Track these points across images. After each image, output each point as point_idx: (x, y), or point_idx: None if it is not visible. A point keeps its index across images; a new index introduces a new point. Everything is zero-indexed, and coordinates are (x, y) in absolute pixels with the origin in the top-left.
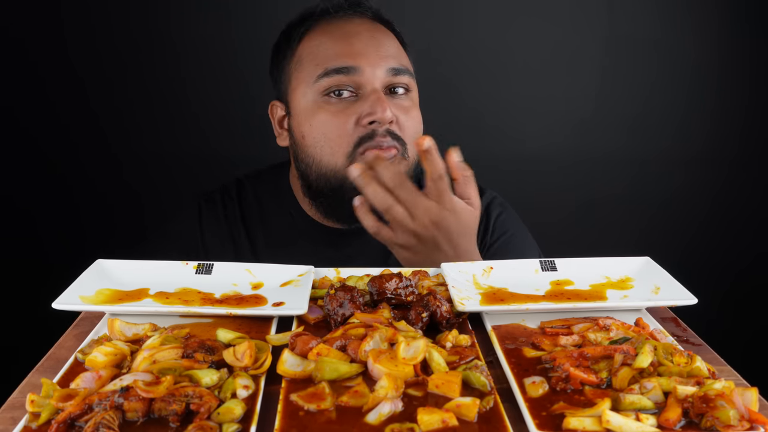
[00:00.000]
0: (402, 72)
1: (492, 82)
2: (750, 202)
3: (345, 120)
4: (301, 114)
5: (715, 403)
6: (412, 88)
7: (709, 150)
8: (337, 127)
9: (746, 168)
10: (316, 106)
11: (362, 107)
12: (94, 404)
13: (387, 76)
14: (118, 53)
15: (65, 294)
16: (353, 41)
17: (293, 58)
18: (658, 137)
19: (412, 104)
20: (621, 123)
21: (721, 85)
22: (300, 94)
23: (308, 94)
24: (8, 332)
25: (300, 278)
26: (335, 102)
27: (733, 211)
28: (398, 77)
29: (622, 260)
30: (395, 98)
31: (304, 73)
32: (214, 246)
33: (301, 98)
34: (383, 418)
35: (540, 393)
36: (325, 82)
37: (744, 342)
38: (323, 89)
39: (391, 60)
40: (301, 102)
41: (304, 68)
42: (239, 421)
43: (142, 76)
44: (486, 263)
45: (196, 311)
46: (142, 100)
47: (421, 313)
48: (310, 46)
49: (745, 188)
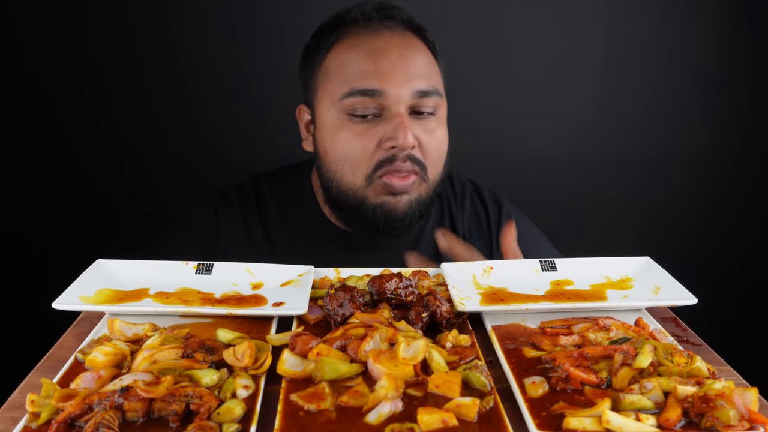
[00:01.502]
0: (429, 93)
1: (493, 84)
2: (750, 202)
3: (367, 142)
4: (326, 129)
5: (715, 403)
6: (439, 108)
7: (709, 150)
8: (359, 148)
9: (746, 168)
10: (339, 123)
11: (385, 130)
12: (94, 404)
13: (413, 98)
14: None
15: (65, 294)
16: (380, 60)
17: (321, 67)
18: (658, 138)
19: (437, 125)
20: (621, 124)
21: (721, 85)
22: (325, 108)
23: (332, 111)
24: (8, 332)
25: (300, 278)
26: (358, 122)
27: (733, 211)
28: (424, 99)
29: (622, 260)
30: (420, 120)
31: (329, 88)
32: (231, 245)
33: (326, 113)
34: (383, 418)
35: (540, 393)
36: (349, 102)
37: (744, 342)
38: (347, 108)
39: (419, 81)
40: (326, 117)
41: (330, 82)
42: (239, 421)
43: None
44: (486, 263)
45: (196, 311)
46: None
47: (421, 313)
48: (337, 59)
49: (745, 188)
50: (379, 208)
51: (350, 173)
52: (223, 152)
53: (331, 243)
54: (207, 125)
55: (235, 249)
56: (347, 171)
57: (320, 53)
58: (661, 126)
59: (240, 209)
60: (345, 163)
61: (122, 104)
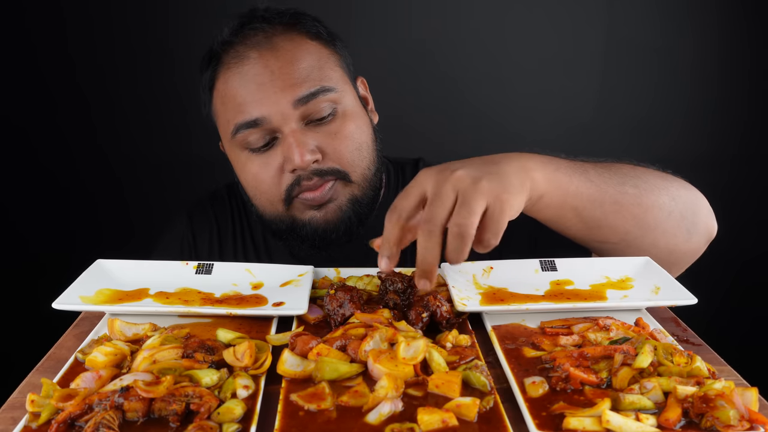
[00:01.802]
0: (317, 94)
1: (493, 85)
2: (750, 202)
3: (270, 171)
4: (235, 166)
5: (715, 403)
6: (338, 102)
7: (710, 152)
8: (266, 180)
9: (747, 169)
10: (243, 159)
11: (282, 154)
12: (94, 404)
13: (298, 108)
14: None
15: (65, 294)
16: (249, 86)
17: (212, 108)
18: (659, 139)
19: (342, 122)
20: (622, 126)
21: (722, 87)
22: (228, 147)
23: (233, 149)
24: (8, 332)
25: (300, 278)
26: (259, 153)
27: (734, 211)
28: (312, 103)
29: (622, 260)
30: (321, 126)
31: (222, 128)
32: (206, 254)
33: (230, 150)
34: (383, 418)
35: (540, 393)
36: (240, 138)
37: (744, 342)
38: (241, 144)
39: (296, 89)
40: (231, 154)
41: (220, 122)
42: (239, 421)
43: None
44: (486, 263)
45: (196, 311)
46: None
47: (421, 313)
48: (218, 98)
49: (745, 189)
50: (308, 225)
51: (268, 204)
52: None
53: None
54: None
55: (211, 257)
56: (264, 202)
57: (207, 96)
58: (662, 128)
59: (214, 216)
60: (259, 196)
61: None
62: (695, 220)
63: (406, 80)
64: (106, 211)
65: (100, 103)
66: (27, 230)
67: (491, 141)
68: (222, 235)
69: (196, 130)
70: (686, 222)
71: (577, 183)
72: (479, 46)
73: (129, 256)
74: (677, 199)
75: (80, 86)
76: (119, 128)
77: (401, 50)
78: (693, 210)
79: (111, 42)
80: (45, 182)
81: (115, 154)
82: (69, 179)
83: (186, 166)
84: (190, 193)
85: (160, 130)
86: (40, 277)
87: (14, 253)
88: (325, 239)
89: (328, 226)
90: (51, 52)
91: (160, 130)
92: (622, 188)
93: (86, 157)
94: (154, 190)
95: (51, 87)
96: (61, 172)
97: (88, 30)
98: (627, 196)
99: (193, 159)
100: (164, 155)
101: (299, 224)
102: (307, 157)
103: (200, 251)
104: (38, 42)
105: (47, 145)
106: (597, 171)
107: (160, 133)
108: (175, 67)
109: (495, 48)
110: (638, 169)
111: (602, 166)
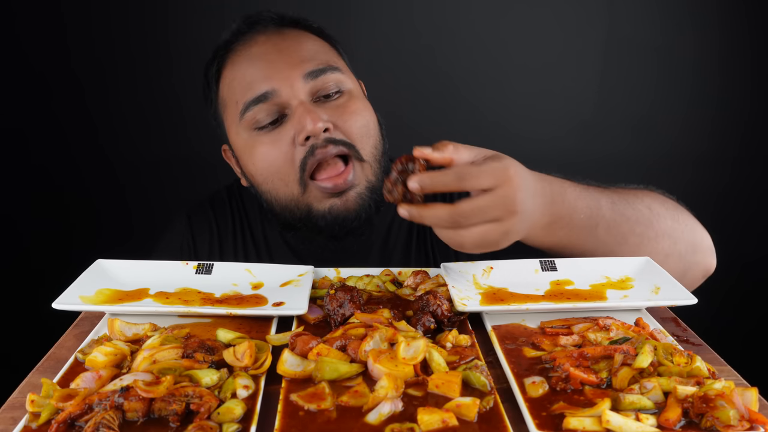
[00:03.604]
0: (325, 71)
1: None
2: (751, 202)
3: (282, 147)
4: (243, 153)
5: (715, 403)
6: (346, 84)
7: (711, 151)
8: (278, 156)
9: (748, 169)
10: (251, 141)
11: (293, 126)
12: (94, 404)
13: (308, 82)
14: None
15: (65, 294)
16: (259, 64)
17: (219, 101)
18: (660, 139)
19: (349, 100)
20: (623, 124)
21: (722, 86)
22: (235, 134)
23: (241, 133)
24: (8, 332)
25: (300, 278)
26: (267, 132)
27: (734, 211)
28: (322, 78)
29: (622, 260)
30: (328, 102)
31: (229, 113)
32: (206, 257)
33: (238, 138)
34: (383, 418)
35: (540, 393)
36: (249, 117)
37: (744, 342)
38: (251, 124)
39: (306, 64)
40: (239, 142)
41: (228, 109)
42: (239, 421)
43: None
44: (486, 263)
45: (196, 311)
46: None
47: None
48: (225, 85)
49: (746, 189)
50: (328, 215)
51: (283, 185)
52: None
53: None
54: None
55: (211, 259)
56: (279, 184)
57: (212, 88)
58: (663, 127)
59: (214, 218)
60: (273, 176)
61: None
62: (694, 260)
63: (406, 79)
64: (106, 211)
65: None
66: (27, 230)
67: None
68: (222, 237)
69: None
70: (683, 262)
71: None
72: (478, 46)
73: (129, 256)
74: (679, 242)
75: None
76: (119, 127)
77: (401, 49)
78: (692, 250)
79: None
80: (45, 182)
81: (115, 153)
82: (68, 179)
83: (185, 165)
84: (190, 193)
85: (159, 129)
86: (40, 277)
87: (14, 253)
88: (345, 227)
89: (349, 214)
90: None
91: (159, 129)
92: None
93: (86, 156)
94: (154, 189)
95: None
96: (61, 172)
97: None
98: (627, 246)
99: (192, 158)
100: (164, 154)
101: (317, 214)
102: (320, 124)
103: (200, 254)
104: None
105: (47, 145)
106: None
107: (159, 133)
108: (173, 66)
109: (494, 47)
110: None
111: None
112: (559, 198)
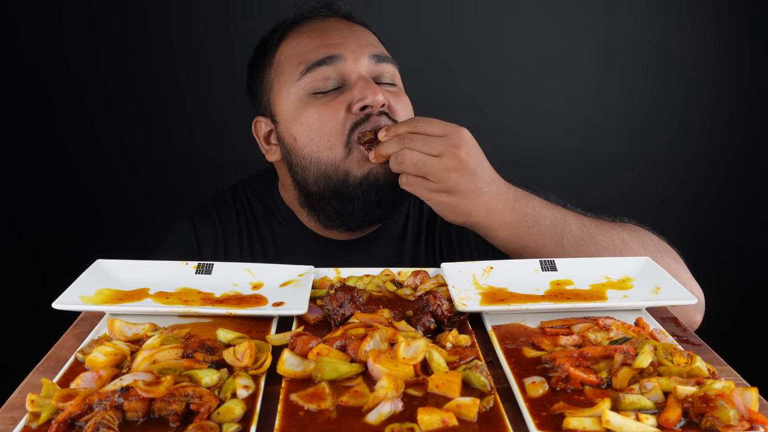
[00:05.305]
0: (386, 60)
1: (492, 82)
2: (749, 200)
3: (336, 109)
4: (290, 117)
5: (715, 403)
6: (398, 81)
7: (709, 150)
8: (330, 116)
9: (745, 168)
10: (303, 104)
11: (352, 95)
12: (94, 404)
13: (371, 63)
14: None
15: (65, 294)
16: (331, 34)
17: (272, 66)
18: (657, 137)
19: (400, 93)
20: (621, 122)
21: (720, 84)
22: (284, 97)
23: (293, 94)
24: (8, 332)
25: (300, 278)
26: (321, 97)
27: (733, 210)
28: (382, 65)
29: (622, 260)
30: (382, 87)
31: (286, 76)
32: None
33: (287, 102)
34: (383, 418)
35: (540, 393)
36: (309, 79)
37: (744, 342)
38: (308, 86)
39: (372, 48)
40: (288, 106)
41: (285, 71)
42: (239, 421)
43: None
44: (486, 263)
45: (196, 311)
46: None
47: (430, 321)
48: (287, 49)
49: (744, 187)
50: (365, 180)
51: (327, 147)
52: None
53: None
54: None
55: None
56: (323, 146)
57: (268, 54)
58: (660, 126)
59: (218, 220)
60: (319, 137)
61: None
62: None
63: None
64: (106, 211)
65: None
66: (27, 230)
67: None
68: (228, 240)
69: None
70: None
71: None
72: (478, 45)
73: (129, 257)
74: None
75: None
76: (119, 127)
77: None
78: None
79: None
80: (45, 182)
81: (115, 152)
82: (69, 178)
83: (188, 164)
84: (192, 192)
85: (161, 128)
86: (40, 277)
87: (14, 252)
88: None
89: (387, 182)
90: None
91: (161, 128)
92: None
93: (86, 156)
94: (154, 189)
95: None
96: (61, 171)
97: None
98: None
99: (194, 158)
100: (165, 153)
101: (354, 181)
102: (380, 96)
103: (205, 257)
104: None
105: (47, 145)
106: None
107: (161, 132)
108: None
109: (494, 46)
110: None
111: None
112: (523, 199)
